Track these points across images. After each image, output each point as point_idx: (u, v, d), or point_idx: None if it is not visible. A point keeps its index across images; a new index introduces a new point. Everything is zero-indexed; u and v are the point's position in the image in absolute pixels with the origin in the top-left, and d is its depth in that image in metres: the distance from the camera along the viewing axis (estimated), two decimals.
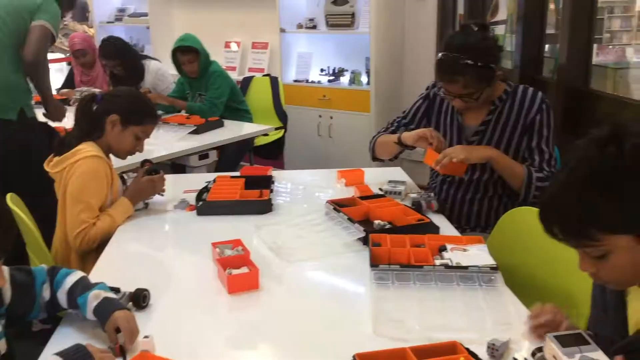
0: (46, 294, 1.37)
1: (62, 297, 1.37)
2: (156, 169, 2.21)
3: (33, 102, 3.03)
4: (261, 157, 4.53)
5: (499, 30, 3.89)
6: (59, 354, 1.13)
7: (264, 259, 1.72)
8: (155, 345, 1.23)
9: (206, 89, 3.87)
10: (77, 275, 1.41)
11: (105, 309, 1.30)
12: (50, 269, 1.41)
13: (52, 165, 2.01)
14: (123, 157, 2.15)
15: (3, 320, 1.28)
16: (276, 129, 4.23)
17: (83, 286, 1.37)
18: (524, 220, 1.82)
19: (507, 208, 2.09)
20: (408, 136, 2.17)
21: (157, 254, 1.89)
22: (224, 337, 1.37)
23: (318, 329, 1.39)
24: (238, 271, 1.59)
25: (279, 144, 4.49)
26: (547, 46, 3.37)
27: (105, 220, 1.97)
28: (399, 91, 4.70)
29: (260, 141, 4.22)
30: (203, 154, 3.33)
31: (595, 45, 2.96)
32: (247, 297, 1.54)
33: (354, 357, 1.14)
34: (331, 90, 4.63)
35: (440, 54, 2.01)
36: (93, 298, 1.33)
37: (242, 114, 4.04)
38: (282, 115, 4.50)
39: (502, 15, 3.99)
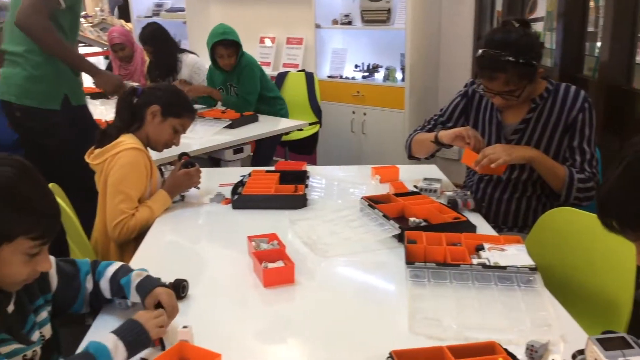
0: (89, 285, 1.41)
1: (104, 285, 1.40)
2: (192, 162, 2.24)
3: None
4: (294, 152, 4.55)
5: (537, 27, 3.82)
6: (115, 332, 1.16)
7: (299, 253, 1.73)
8: (193, 335, 1.24)
9: (238, 80, 3.88)
10: (117, 264, 1.45)
11: (147, 285, 1.35)
12: (93, 262, 1.46)
13: (93, 157, 2.06)
14: (160, 150, 2.19)
15: (49, 307, 1.32)
16: (311, 124, 4.23)
17: (125, 270, 1.42)
18: (563, 220, 1.79)
19: (546, 208, 2.05)
20: (445, 135, 2.15)
21: (193, 246, 1.91)
22: (260, 329, 1.38)
23: (353, 325, 1.39)
24: (274, 265, 1.60)
25: (312, 139, 4.50)
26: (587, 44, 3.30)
27: (144, 211, 2.00)
28: (434, 88, 4.65)
29: (294, 136, 4.23)
30: (238, 148, 3.35)
31: (639, 43, 2.88)
32: (282, 290, 1.55)
33: (390, 354, 1.14)
34: (365, 87, 4.61)
35: (480, 51, 1.99)
36: (136, 276, 1.38)
37: (276, 102, 4.03)
38: (317, 111, 4.51)
39: (540, 12, 3.92)
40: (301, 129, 4.03)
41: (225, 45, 3.76)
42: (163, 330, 1.24)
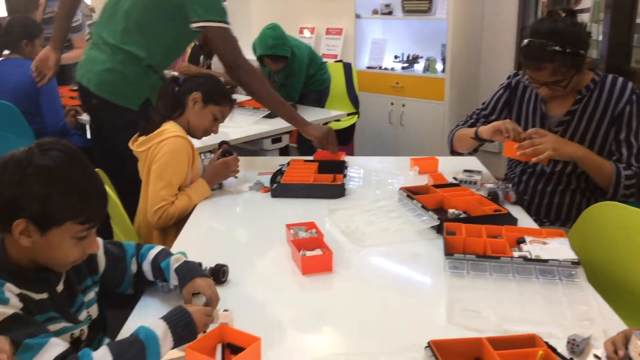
0: (134, 267, 1.45)
1: (147, 268, 1.44)
2: (230, 151, 2.26)
3: None
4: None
5: (583, 18, 3.72)
6: (166, 320, 1.18)
7: (337, 242, 1.74)
8: (233, 319, 1.26)
9: (285, 75, 3.88)
10: (158, 248, 1.49)
11: (186, 271, 1.37)
12: (137, 244, 1.49)
13: (137, 145, 2.10)
14: (199, 137, 2.22)
15: (96, 287, 1.36)
16: (348, 114, 4.23)
17: (165, 254, 1.45)
18: (608, 215, 1.75)
19: (590, 203, 2.01)
20: (484, 130, 2.12)
21: (232, 233, 1.94)
22: (297, 316, 1.39)
23: (390, 315, 1.39)
24: (312, 253, 1.61)
25: (350, 130, 4.49)
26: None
27: (184, 200, 2.04)
28: (475, 80, 4.59)
29: (331, 126, 4.23)
30: (276, 138, 3.37)
31: None
32: (320, 278, 1.56)
33: (429, 343, 1.14)
34: (404, 78, 4.58)
35: (526, 41, 1.95)
36: (174, 261, 1.41)
37: (317, 74, 4.02)
38: (355, 102, 4.50)
39: (586, 3, 3.82)
40: (339, 120, 4.03)
41: (273, 58, 3.76)
42: (207, 325, 1.25)
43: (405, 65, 4.66)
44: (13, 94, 3.21)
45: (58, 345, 1.08)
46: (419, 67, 4.62)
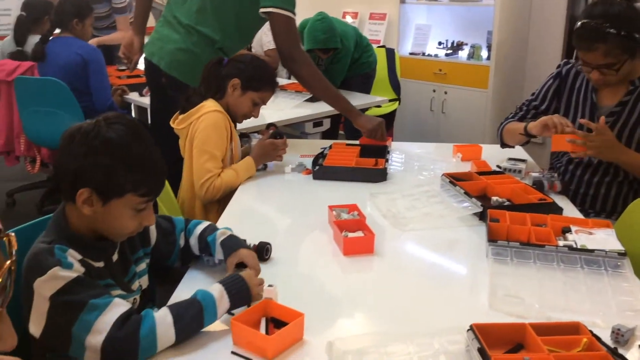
0: (182, 241, 1.49)
1: (194, 242, 1.48)
2: (280, 133, 2.28)
3: None
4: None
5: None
6: (221, 282, 1.23)
7: (378, 225, 1.75)
8: (277, 294, 1.29)
9: (330, 61, 3.87)
10: (205, 223, 1.53)
11: (231, 243, 1.42)
12: (186, 220, 1.54)
13: (177, 122, 2.14)
14: (239, 120, 2.24)
15: (148, 259, 1.41)
16: (390, 101, 4.20)
17: (211, 229, 1.50)
18: None
19: (637, 195, 1.97)
20: (533, 126, 2.06)
21: (275, 213, 1.96)
22: (339, 296, 1.41)
23: (431, 298, 1.40)
24: (354, 235, 1.63)
25: (390, 117, 4.46)
26: None
27: (230, 173, 2.07)
28: (521, 68, 4.50)
29: (372, 112, 4.21)
30: (317, 122, 3.39)
31: None
32: (361, 260, 1.58)
33: (471, 326, 1.14)
34: (448, 64, 4.52)
35: (579, 22, 1.90)
36: (220, 234, 1.45)
37: (362, 56, 4.02)
38: (397, 88, 4.47)
39: None
40: (379, 106, 4.01)
41: (323, 50, 3.76)
42: (262, 288, 1.29)
43: (449, 51, 4.60)
44: (63, 72, 3.31)
45: (122, 305, 1.14)
46: (463, 54, 4.56)
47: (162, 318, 1.14)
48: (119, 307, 1.13)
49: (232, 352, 1.16)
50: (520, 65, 4.49)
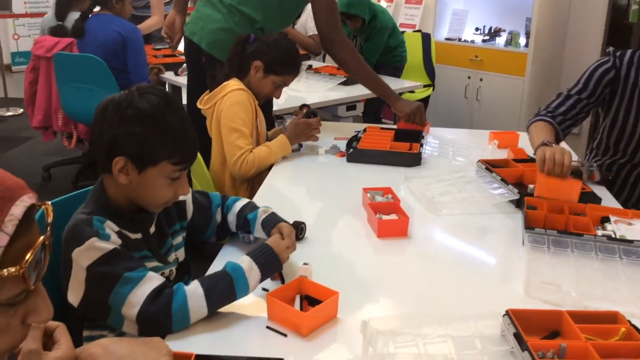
0: (218, 217, 1.51)
1: (231, 219, 1.49)
2: (314, 112, 2.28)
3: None
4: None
5: None
6: (249, 254, 1.25)
7: (412, 209, 1.74)
8: (312, 273, 1.30)
9: (366, 38, 3.85)
10: (245, 200, 1.54)
11: (272, 221, 1.43)
12: (223, 196, 1.55)
13: (204, 103, 2.15)
14: (260, 101, 2.23)
15: (184, 232, 1.44)
16: (424, 86, 4.16)
17: (251, 206, 1.51)
18: None
19: None
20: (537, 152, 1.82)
21: (308, 194, 1.97)
22: (372, 277, 1.41)
23: (465, 283, 1.39)
24: (388, 217, 1.63)
25: (423, 102, 4.40)
26: None
27: (262, 149, 2.09)
28: (559, 56, 4.41)
29: (405, 98, 4.17)
30: (351, 105, 3.38)
31: None
32: (395, 243, 1.58)
33: (507, 312, 1.14)
34: (484, 51, 4.45)
35: None
36: (262, 213, 1.46)
37: (396, 50, 3.98)
38: (431, 74, 4.43)
39: None
40: (413, 91, 3.98)
41: (347, 17, 3.73)
42: (290, 251, 1.31)
43: (486, 38, 4.53)
44: (102, 50, 3.35)
45: (155, 279, 1.16)
46: (501, 40, 4.48)
47: (193, 291, 1.16)
48: (152, 280, 1.15)
49: (267, 327, 1.18)
50: (559, 53, 4.40)
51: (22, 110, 5.68)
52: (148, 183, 1.22)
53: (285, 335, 1.15)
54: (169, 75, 3.71)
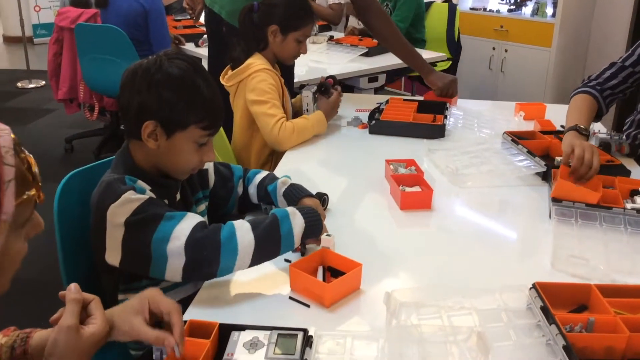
0: (240, 189, 1.51)
1: (252, 191, 1.49)
2: (326, 85, 2.23)
3: None
4: (424, 86, 4.40)
5: None
6: (296, 207, 1.25)
7: (436, 181, 1.72)
8: (335, 244, 1.29)
9: (395, 3, 3.78)
10: (264, 172, 1.54)
11: (294, 193, 1.42)
12: (245, 169, 1.55)
13: (227, 79, 2.12)
14: (289, 62, 2.21)
15: (206, 201, 1.44)
16: (448, 59, 4.08)
17: (271, 178, 1.50)
18: None
19: None
20: (564, 138, 1.73)
21: (330, 165, 1.95)
22: (395, 249, 1.40)
23: (490, 256, 1.37)
24: (411, 189, 1.61)
25: None
26: None
27: (299, 119, 2.06)
28: (587, 26, 4.29)
29: None
30: (372, 77, 3.33)
31: None
32: (418, 215, 1.56)
33: (534, 285, 1.12)
34: (510, 21, 4.35)
35: None
36: (281, 184, 1.46)
37: (416, 42, 3.93)
38: (452, 47, 4.32)
39: None
40: (435, 64, 3.89)
41: None
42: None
43: (512, 7, 4.41)
44: (124, 21, 3.34)
45: (197, 217, 1.17)
46: (527, 10, 4.37)
47: (240, 224, 1.17)
48: (195, 217, 1.16)
49: (290, 298, 1.17)
50: (587, 23, 4.28)
51: (44, 82, 5.72)
52: (176, 148, 1.22)
53: (308, 306, 1.15)
54: (189, 46, 3.69)
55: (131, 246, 1.14)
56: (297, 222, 1.21)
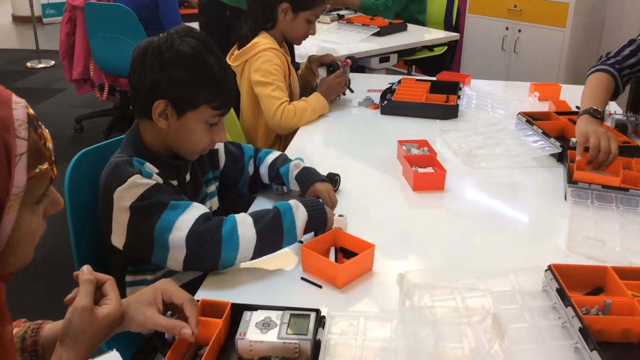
0: (251, 169, 1.49)
1: (263, 171, 1.48)
2: (334, 65, 2.20)
3: None
4: (421, 71, 4.29)
5: None
6: (299, 200, 1.24)
7: (449, 162, 1.70)
8: (347, 225, 1.28)
9: None
10: (277, 153, 1.52)
11: (307, 177, 1.41)
12: (256, 148, 1.53)
13: (233, 59, 2.10)
14: (298, 43, 2.18)
15: (217, 182, 1.43)
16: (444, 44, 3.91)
17: (283, 159, 1.48)
18: None
19: None
20: (578, 120, 1.69)
21: (342, 146, 1.93)
22: (407, 230, 1.39)
23: (505, 238, 1.35)
24: (424, 170, 1.59)
25: (440, 60, 4.01)
26: None
27: (300, 102, 2.04)
28: (602, 6, 4.20)
29: (421, 55, 3.95)
30: (384, 57, 3.28)
31: None
32: (431, 196, 1.54)
33: (549, 267, 1.10)
34: (523, 0, 4.26)
35: None
36: (294, 167, 1.44)
37: (416, 22, 3.86)
38: (450, 29, 4.12)
39: None
40: (432, 49, 3.81)
41: None
42: (332, 221, 1.28)
43: None
44: (133, 2, 3.31)
45: (201, 208, 1.16)
46: None
47: (242, 218, 1.16)
48: (199, 208, 1.15)
49: (302, 279, 1.17)
50: (602, 3, 4.19)
51: (53, 62, 5.71)
52: (187, 128, 1.20)
53: (320, 286, 1.14)
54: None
55: (135, 231, 1.14)
56: (300, 215, 1.20)
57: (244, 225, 1.14)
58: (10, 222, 0.68)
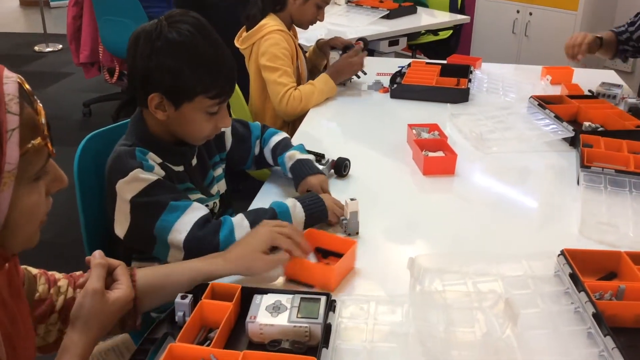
0: (257, 149, 1.48)
1: (267, 154, 1.47)
2: (348, 47, 2.18)
3: None
4: (426, 56, 4.23)
5: None
6: (297, 198, 1.23)
7: (459, 146, 1.68)
8: (359, 208, 1.26)
9: None
10: (281, 135, 1.49)
11: (299, 171, 1.38)
12: (263, 126, 1.51)
13: (241, 41, 2.08)
14: (305, 28, 2.16)
15: (223, 164, 1.41)
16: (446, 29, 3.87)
17: (283, 146, 1.45)
18: None
19: None
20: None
21: (351, 130, 1.91)
22: (418, 214, 1.38)
23: (517, 222, 1.34)
24: (434, 154, 1.57)
25: (445, 45, 3.99)
26: None
27: (306, 86, 2.02)
28: None
29: (425, 39, 3.92)
30: (393, 40, 3.25)
31: None
32: (441, 180, 1.53)
33: (562, 251, 1.09)
34: None
35: None
36: (288, 159, 1.41)
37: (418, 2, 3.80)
38: (455, 12, 4.06)
39: None
40: (437, 34, 3.76)
41: None
42: (336, 208, 1.27)
43: None
44: None
45: (201, 209, 1.15)
46: None
47: (240, 222, 1.15)
48: (199, 210, 1.14)
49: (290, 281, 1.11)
50: None
51: (61, 46, 5.70)
52: (186, 119, 1.17)
53: (312, 286, 1.09)
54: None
55: (136, 225, 1.13)
56: (298, 215, 1.19)
57: (242, 229, 1.13)
58: (6, 200, 0.66)
